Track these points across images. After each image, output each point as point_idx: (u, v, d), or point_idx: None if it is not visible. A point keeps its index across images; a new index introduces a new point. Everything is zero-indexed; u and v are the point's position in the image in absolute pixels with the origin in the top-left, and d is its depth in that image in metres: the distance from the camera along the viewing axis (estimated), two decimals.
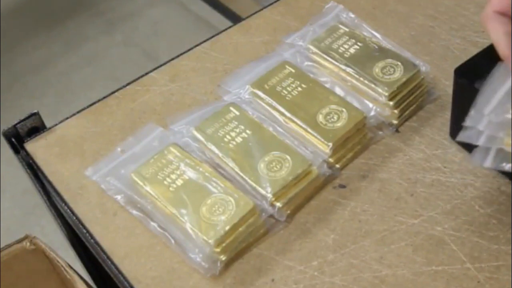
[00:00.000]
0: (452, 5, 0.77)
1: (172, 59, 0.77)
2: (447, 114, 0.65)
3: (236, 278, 0.56)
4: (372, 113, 0.66)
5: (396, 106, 0.66)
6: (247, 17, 0.81)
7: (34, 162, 0.69)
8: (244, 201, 0.58)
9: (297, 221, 0.60)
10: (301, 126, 0.64)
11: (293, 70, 0.69)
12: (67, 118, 0.73)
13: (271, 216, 0.60)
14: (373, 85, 0.66)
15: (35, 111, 0.71)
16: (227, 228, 0.57)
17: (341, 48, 0.70)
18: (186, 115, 0.68)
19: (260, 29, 0.79)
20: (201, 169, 0.61)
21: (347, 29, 0.72)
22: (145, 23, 1.99)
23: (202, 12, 1.96)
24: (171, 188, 0.60)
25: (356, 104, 0.66)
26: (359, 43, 0.70)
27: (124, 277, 0.58)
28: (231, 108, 0.66)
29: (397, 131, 0.66)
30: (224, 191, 0.59)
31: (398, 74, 0.66)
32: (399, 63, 0.67)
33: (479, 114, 0.50)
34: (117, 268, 0.59)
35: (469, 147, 0.63)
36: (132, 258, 0.59)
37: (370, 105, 0.66)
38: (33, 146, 0.70)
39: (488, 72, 0.62)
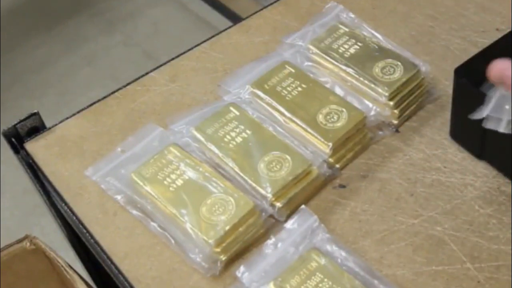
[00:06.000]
0: (452, 5, 0.77)
1: (172, 59, 0.77)
2: (447, 114, 0.65)
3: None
4: (372, 113, 0.66)
5: (396, 106, 0.66)
6: (247, 17, 0.81)
7: (34, 162, 0.69)
8: (244, 201, 0.58)
9: None
10: (301, 126, 0.64)
11: (293, 70, 0.69)
12: (67, 118, 0.73)
13: (271, 216, 0.60)
14: (373, 85, 0.66)
15: (35, 111, 0.71)
16: (227, 228, 0.57)
17: (341, 48, 0.70)
18: (186, 115, 0.68)
19: (260, 29, 0.79)
20: (201, 169, 0.61)
21: (347, 29, 0.72)
22: (145, 23, 1.99)
23: (202, 12, 1.96)
24: (171, 188, 0.60)
25: (356, 104, 0.66)
26: (359, 43, 0.70)
27: (124, 277, 0.58)
28: (231, 108, 0.66)
29: (397, 131, 0.66)
30: (224, 191, 0.59)
31: (398, 74, 0.66)
32: (399, 63, 0.67)
33: None
34: (117, 268, 0.59)
35: (469, 147, 0.63)
36: (132, 258, 0.59)
37: (370, 105, 0.66)
38: (33, 146, 0.70)
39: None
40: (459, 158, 0.63)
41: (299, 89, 0.67)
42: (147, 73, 0.76)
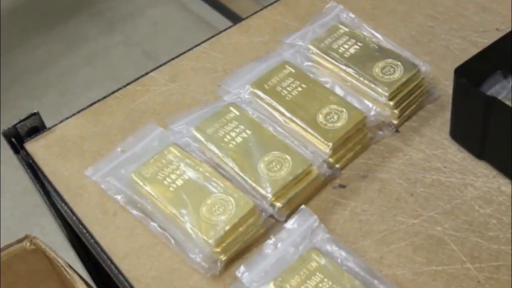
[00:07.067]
0: (452, 5, 0.77)
1: (172, 59, 0.77)
2: (447, 114, 0.65)
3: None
4: (372, 113, 0.66)
5: (396, 106, 0.66)
6: (247, 17, 0.81)
7: (34, 162, 0.69)
8: (244, 201, 0.58)
9: None
10: (301, 126, 0.64)
11: (293, 70, 0.69)
12: (67, 118, 0.73)
13: (271, 216, 0.60)
14: (373, 85, 0.66)
15: (35, 111, 0.71)
16: (227, 228, 0.57)
17: (341, 48, 0.70)
18: (186, 115, 0.68)
19: (260, 29, 0.79)
20: (201, 169, 0.61)
21: (347, 29, 0.72)
22: (145, 23, 1.99)
23: (202, 12, 1.96)
24: (171, 188, 0.60)
25: (356, 104, 0.66)
26: (359, 43, 0.70)
27: (124, 277, 0.58)
28: (231, 108, 0.66)
29: (397, 131, 0.66)
30: (224, 191, 0.59)
31: (398, 74, 0.66)
32: (399, 63, 0.67)
33: None
34: (117, 268, 0.59)
35: (469, 147, 0.63)
36: (132, 258, 0.59)
37: (370, 105, 0.66)
38: (33, 146, 0.70)
39: (488, 72, 0.62)
40: (459, 158, 0.63)
41: (299, 89, 0.67)
42: (147, 73, 0.76)
